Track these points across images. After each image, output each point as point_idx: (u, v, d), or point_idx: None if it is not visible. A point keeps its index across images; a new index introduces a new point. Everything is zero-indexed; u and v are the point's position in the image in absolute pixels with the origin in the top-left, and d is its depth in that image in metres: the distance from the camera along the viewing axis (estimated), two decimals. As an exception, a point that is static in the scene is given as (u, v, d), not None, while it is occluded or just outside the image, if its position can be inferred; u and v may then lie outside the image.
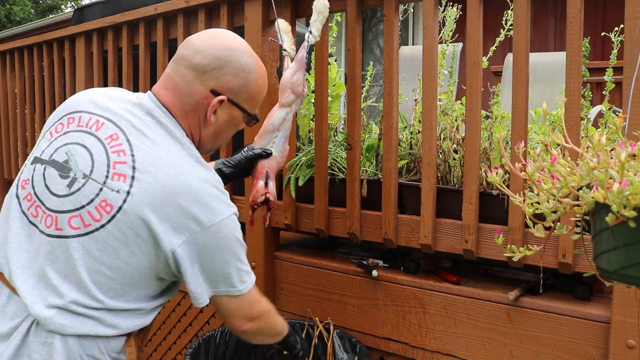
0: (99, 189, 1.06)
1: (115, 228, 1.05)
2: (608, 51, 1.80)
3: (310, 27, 1.53)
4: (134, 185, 1.05)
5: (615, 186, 0.54)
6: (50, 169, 1.10)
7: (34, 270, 1.08)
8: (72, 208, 1.06)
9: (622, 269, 0.60)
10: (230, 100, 1.19)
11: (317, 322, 1.69)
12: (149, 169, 1.06)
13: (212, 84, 1.16)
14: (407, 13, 2.66)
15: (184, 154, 1.13)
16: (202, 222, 1.08)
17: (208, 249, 1.10)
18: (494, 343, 1.47)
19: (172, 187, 1.06)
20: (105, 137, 1.10)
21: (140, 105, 1.16)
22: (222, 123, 1.22)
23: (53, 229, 1.07)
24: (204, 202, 1.08)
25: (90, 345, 1.09)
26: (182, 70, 1.16)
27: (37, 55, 3.07)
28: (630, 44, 1.24)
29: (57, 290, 1.06)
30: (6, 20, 17.61)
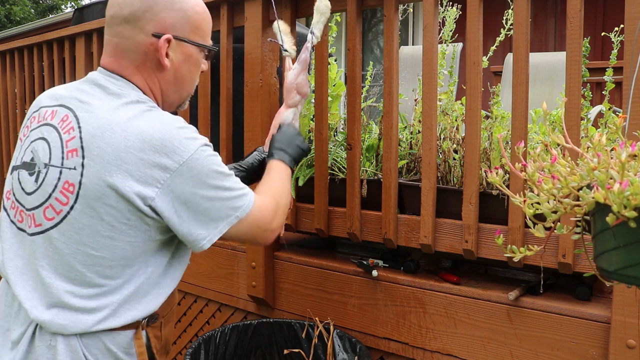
0: (59, 172, 1.04)
1: (84, 205, 1.02)
2: (608, 51, 1.80)
3: (312, 28, 1.52)
4: (86, 156, 1.02)
5: (616, 186, 0.54)
6: (22, 171, 1.11)
7: (30, 274, 1.08)
8: (43, 200, 1.06)
9: (623, 269, 0.60)
10: (176, 37, 1.13)
11: (317, 322, 1.69)
12: (94, 133, 1.02)
13: (151, 27, 1.10)
14: (407, 13, 2.66)
15: (131, 108, 1.06)
16: (168, 167, 1.02)
17: (186, 192, 1.04)
18: (494, 343, 1.47)
19: (123, 141, 1.01)
20: (58, 121, 1.08)
21: (87, 80, 1.14)
22: (179, 65, 1.16)
23: (34, 227, 1.07)
24: (162, 145, 1.02)
25: (94, 343, 1.07)
26: (117, 29, 1.12)
27: (37, 55, 3.07)
28: (630, 44, 1.24)
29: (52, 287, 1.05)
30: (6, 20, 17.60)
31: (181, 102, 1.24)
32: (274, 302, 1.93)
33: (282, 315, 1.90)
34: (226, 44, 2.01)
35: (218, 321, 2.13)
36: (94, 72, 1.16)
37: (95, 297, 1.06)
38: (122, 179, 1.00)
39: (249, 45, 1.90)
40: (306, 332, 1.69)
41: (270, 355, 1.72)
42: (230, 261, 2.04)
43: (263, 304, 1.94)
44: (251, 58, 1.90)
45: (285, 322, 1.73)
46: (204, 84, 2.10)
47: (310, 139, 1.96)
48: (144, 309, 1.12)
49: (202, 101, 2.11)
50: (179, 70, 1.17)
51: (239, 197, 1.12)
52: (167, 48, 1.12)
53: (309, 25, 1.57)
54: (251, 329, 1.72)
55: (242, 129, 1.93)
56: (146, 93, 1.14)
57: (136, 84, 1.13)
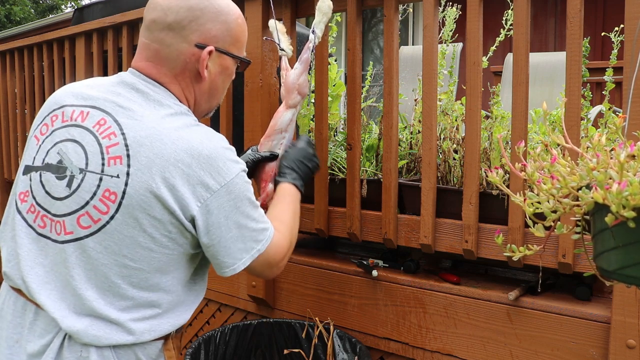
0: (98, 179, 1.00)
1: (125, 215, 0.99)
2: (608, 51, 1.80)
3: (313, 28, 1.52)
4: (132, 165, 0.99)
5: (615, 186, 0.54)
6: (47, 174, 1.05)
7: (55, 283, 1.03)
8: (77, 207, 1.01)
9: (622, 269, 0.60)
10: (217, 49, 1.12)
11: (317, 322, 1.69)
12: (143, 142, 1.00)
13: (195, 37, 1.09)
14: (407, 13, 2.66)
15: (178, 120, 1.06)
16: (210, 187, 1.02)
17: (220, 215, 1.04)
18: (494, 343, 1.47)
19: (172, 154, 1.00)
20: (93, 124, 1.04)
21: (122, 83, 1.10)
22: (215, 76, 1.16)
23: (64, 234, 1.02)
24: (208, 163, 1.02)
25: (127, 353, 1.05)
26: (159, 35, 1.09)
27: (37, 55, 3.07)
28: (630, 44, 1.24)
29: (84, 298, 1.01)
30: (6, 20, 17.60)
31: (210, 111, 1.24)
32: (274, 302, 1.93)
33: (282, 315, 1.90)
34: (226, 44, 2.00)
35: (218, 321, 2.13)
36: (127, 74, 1.12)
37: (128, 309, 1.04)
38: (169, 191, 0.99)
39: (249, 45, 1.90)
40: (306, 332, 1.69)
41: (270, 355, 1.72)
42: (230, 261, 2.04)
43: (263, 304, 1.94)
44: (251, 58, 1.90)
45: (285, 322, 1.73)
46: (204, 84, 2.10)
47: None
48: (175, 322, 1.11)
49: (202, 101, 2.11)
50: (215, 81, 1.16)
51: (262, 231, 1.13)
52: (208, 59, 1.11)
53: (309, 25, 1.57)
54: (251, 329, 1.72)
55: (242, 129, 1.93)
56: (182, 102, 1.13)
57: (173, 93, 1.12)
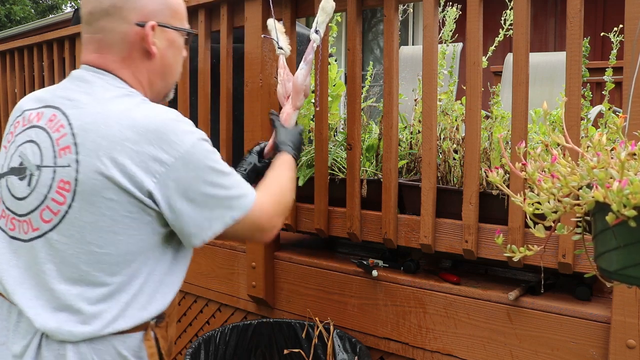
0: (52, 172, 1.01)
1: (82, 202, 0.99)
2: (608, 51, 1.80)
3: (316, 28, 1.53)
4: (80, 152, 0.99)
5: (615, 185, 0.54)
6: (10, 177, 1.07)
7: (30, 282, 1.04)
8: (38, 203, 1.02)
9: (623, 269, 0.60)
10: (159, 24, 1.11)
11: (317, 322, 1.69)
12: (88, 128, 1.00)
13: (134, 16, 1.09)
14: (407, 13, 2.66)
15: (122, 101, 1.05)
16: (164, 161, 1.00)
17: (180, 187, 1.01)
18: (494, 343, 1.47)
19: (117, 134, 0.98)
20: (46, 122, 1.05)
21: (72, 77, 1.11)
22: (164, 51, 1.15)
23: (31, 232, 1.03)
24: (157, 137, 1.00)
25: (106, 349, 1.04)
26: (98, 24, 1.10)
27: (37, 55, 3.07)
28: (630, 44, 1.24)
29: (57, 292, 1.02)
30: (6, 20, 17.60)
31: (167, 91, 1.22)
32: (274, 302, 1.93)
33: (282, 315, 1.90)
34: (226, 44, 2.01)
35: (218, 321, 2.13)
36: (78, 70, 1.14)
37: (103, 297, 1.03)
38: (120, 172, 0.98)
39: (249, 45, 1.90)
40: (306, 332, 1.69)
41: (270, 355, 1.72)
42: (230, 261, 2.04)
43: (263, 304, 1.94)
44: (251, 58, 1.90)
45: (285, 322, 1.73)
46: (204, 84, 2.10)
47: (310, 139, 1.96)
48: (152, 308, 1.09)
49: (202, 101, 2.11)
50: (165, 57, 1.15)
51: (237, 198, 1.09)
52: (152, 35, 1.11)
53: (309, 25, 1.57)
54: (251, 329, 1.72)
55: (242, 129, 1.93)
56: (134, 86, 1.12)
57: (123, 78, 1.11)
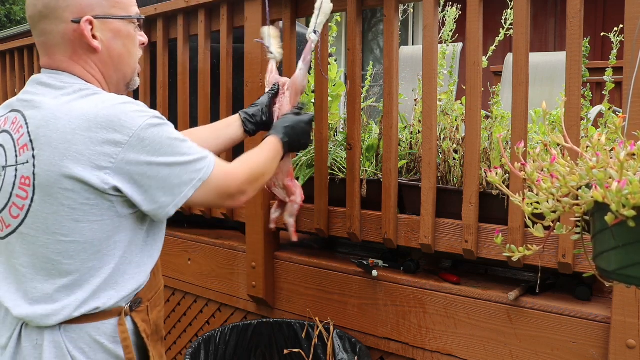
0: (14, 170, 1.07)
1: (42, 195, 1.03)
2: (608, 51, 1.80)
3: (315, 28, 1.53)
4: (35, 147, 1.03)
5: (614, 185, 0.54)
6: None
7: (12, 277, 1.11)
8: (6, 201, 1.08)
9: (622, 269, 0.60)
10: (97, 17, 1.11)
11: (317, 322, 1.69)
12: (40, 125, 1.04)
13: (68, 14, 1.10)
14: (407, 13, 2.66)
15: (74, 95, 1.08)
16: (119, 141, 1.01)
17: (142, 163, 1.03)
18: (494, 343, 1.47)
19: (67, 125, 1.01)
20: (9, 125, 1.11)
21: (31, 81, 1.16)
22: (110, 43, 1.14)
23: (5, 229, 1.10)
24: (108, 121, 1.02)
25: (80, 337, 1.07)
26: (39, 28, 1.12)
27: (37, 55, 3.06)
28: (630, 44, 1.24)
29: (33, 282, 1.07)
30: (6, 20, 17.61)
31: (127, 80, 1.22)
32: (274, 302, 1.93)
33: (282, 315, 1.90)
34: (226, 44, 2.01)
35: (218, 321, 2.13)
36: (36, 74, 1.17)
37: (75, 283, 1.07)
38: (73, 161, 1.01)
39: (249, 45, 1.90)
40: (306, 332, 1.69)
41: (270, 355, 1.72)
42: (230, 261, 2.04)
43: (263, 304, 1.94)
44: (251, 58, 1.90)
45: (285, 322, 1.73)
46: (204, 84, 2.10)
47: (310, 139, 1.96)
48: (123, 290, 1.11)
49: (202, 101, 2.11)
50: (112, 48, 1.15)
51: (198, 160, 1.10)
52: (91, 30, 1.11)
53: (308, 25, 1.57)
54: (251, 329, 1.72)
55: (242, 129, 1.93)
56: (89, 81, 1.14)
57: (77, 74, 1.13)
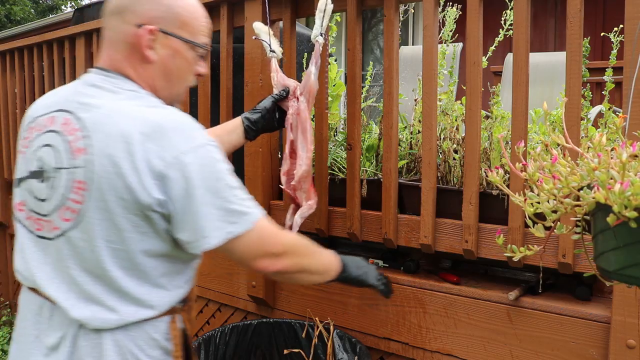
0: (69, 173, 1.05)
1: (97, 201, 1.02)
2: (608, 51, 1.80)
3: (320, 31, 1.55)
4: (93, 152, 1.02)
5: (617, 187, 0.54)
6: (32, 180, 1.12)
7: (60, 277, 1.08)
8: (59, 204, 1.06)
9: (623, 269, 0.60)
10: (162, 30, 1.12)
11: (317, 322, 1.69)
12: (98, 129, 1.03)
13: (134, 18, 1.11)
14: (407, 13, 2.66)
15: (134, 102, 1.07)
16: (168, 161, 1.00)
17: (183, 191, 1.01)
18: (494, 343, 1.47)
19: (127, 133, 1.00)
20: (59, 125, 1.09)
21: (83, 82, 1.15)
22: (166, 59, 1.15)
23: (54, 231, 1.08)
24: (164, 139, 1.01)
25: (140, 334, 1.08)
26: (107, 22, 1.15)
27: (37, 55, 3.07)
28: (630, 44, 1.24)
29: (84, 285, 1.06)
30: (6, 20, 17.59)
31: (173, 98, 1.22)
32: (274, 302, 1.93)
33: (282, 315, 1.90)
34: (226, 44, 2.01)
35: (218, 321, 2.13)
36: (88, 74, 1.17)
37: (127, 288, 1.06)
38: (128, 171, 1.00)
39: (249, 45, 1.90)
40: (306, 332, 1.69)
41: (270, 355, 1.72)
42: (230, 261, 2.04)
43: (263, 304, 1.94)
44: (251, 58, 1.90)
45: (285, 322, 1.73)
46: (204, 83, 2.10)
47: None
48: (176, 294, 1.13)
49: (202, 101, 2.11)
50: (166, 65, 1.15)
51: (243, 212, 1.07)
52: (152, 40, 1.12)
53: (308, 25, 1.58)
54: (251, 329, 1.72)
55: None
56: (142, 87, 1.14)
57: (129, 77, 1.13)
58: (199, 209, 1.03)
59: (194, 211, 1.03)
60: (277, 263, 1.16)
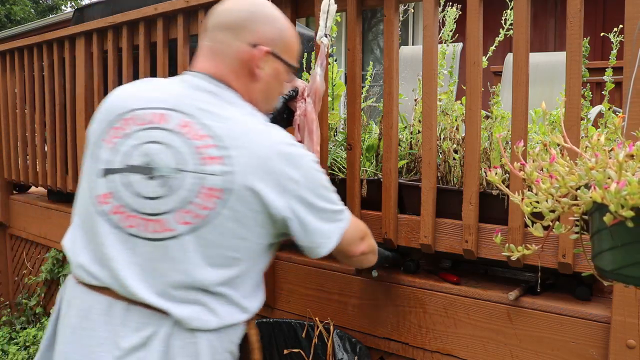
0: (198, 178, 1.05)
1: (229, 210, 1.05)
2: (608, 51, 1.80)
3: (326, 33, 1.55)
4: (232, 164, 1.05)
5: (613, 186, 0.54)
6: (132, 175, 1.08)
7: (155, 279, 1.07)
8: (178, 205, 1.06)
9: (620, 269, 0.60)
10: (272, 52, 1.19)
11: (317, 322, 1.69)
12: (237, 144, 1.07)
13: (250, 37, 1.17)
14: (407, 13, 2.66)
15: (255, 120, 1.14)
16: (297, 179, 1.09)
17: (306, 203, 1.12)
18: (494, 343, 1.47)
19: (265, 154, 1.07)
20: (177, 127, 1.09)
21: (192, 86, 1.16)
22: (269, 78, 1.21)
23: (162, 232, 1.06)
24: (291, 159, 1.10)
25: (226, 337, 1.13)
26: (218, 36, 1.17)
27: (37, 55, 3.07)
28: (630, 44, 1.24)
29: (188, 287, 1.07)
30: (6, 20, 17.61)
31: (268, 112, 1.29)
32: (274, 302, 1.93)
33: (282, 315, 1.90)
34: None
35: (218, 321, 2.13)
36: (191, 77, 1.18)
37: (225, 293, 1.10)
38: (266, 188, 1.06)
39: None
40: (306, 332, 1.69)
41: (270, 355, 1.72)
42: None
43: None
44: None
45: (285, 322, 1.73)
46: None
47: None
48: (259, 300, 1.19)
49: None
50: (268, 84, 1.22)
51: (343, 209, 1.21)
52: (263, 60, 1.18)
53: (308, 25, 1.58)
54: (251, 328, 1.72)
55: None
56: (244, 99, 1.19)
57: (236, 90, 1.18)
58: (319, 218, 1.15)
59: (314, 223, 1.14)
60: (362, 245, 1.30)
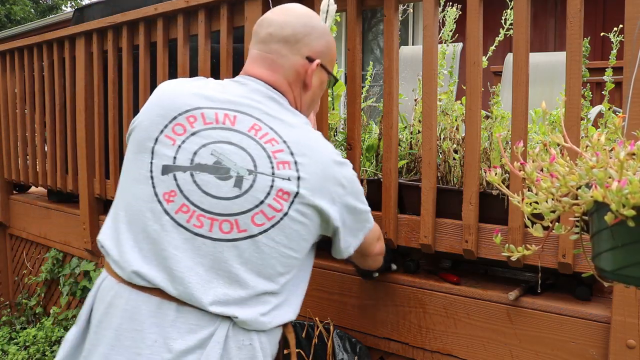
0: (271, 180, 1.09)
1: (296, 213, 1.10)
2: (608, 51, 1.80)
3: None
4: (301, 170, 1.11)
5: (614, 185, 0.54)
6: (201, 174, 1.08)
7: (219, 280, 1.07)
8: (252, 206, 1.08)
9: (621, 269, 0.60)
10: (322, 64, 1.26)
11: (317, 322, 1.69)
12: (304, 152, 1.13)
13: (306, 51, 1.22)
14: (407, 13, 2.66)
15: (312, 129, 1.21)
16: (345, 186, 1.17)
17: (349, 207, 1.19)
18: (494, 343, 1.47)
19: (326, 163, 1.15)
20: (247, 129, 1.13)
21: (255, 90, 1.20)
22: (316, 87, 1.28)
23: (235, 232, 1.06)
24: (342, 168, 1.17)
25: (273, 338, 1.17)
26: (274, 47, 1.22)
27: (37, 55, 3.07)
28: (630, 44, 1.24)
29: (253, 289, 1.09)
30: (6, 20, 17.62)
31: None
32: (274, 302, 1.93)
33: (282, 315, 1.89)
34: (226, 44, 2.01)
35: (218, 321, 2.12)
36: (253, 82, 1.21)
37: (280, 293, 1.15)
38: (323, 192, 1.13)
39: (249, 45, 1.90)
40: (306, 332, 1.69)
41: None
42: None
43: (263, 304, 1.93)
44: (251, 58, 1.89)
45: (285, 322, 1.73)
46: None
47: None
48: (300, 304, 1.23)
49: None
50: (315, 92, 1.29)
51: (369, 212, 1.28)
52: (315, 72, 1.24)
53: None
54: (251, 328, 1.72)
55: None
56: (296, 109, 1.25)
57: (289, 100, 1.23)
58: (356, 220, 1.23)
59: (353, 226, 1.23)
60: (378, 245, 1.39)
